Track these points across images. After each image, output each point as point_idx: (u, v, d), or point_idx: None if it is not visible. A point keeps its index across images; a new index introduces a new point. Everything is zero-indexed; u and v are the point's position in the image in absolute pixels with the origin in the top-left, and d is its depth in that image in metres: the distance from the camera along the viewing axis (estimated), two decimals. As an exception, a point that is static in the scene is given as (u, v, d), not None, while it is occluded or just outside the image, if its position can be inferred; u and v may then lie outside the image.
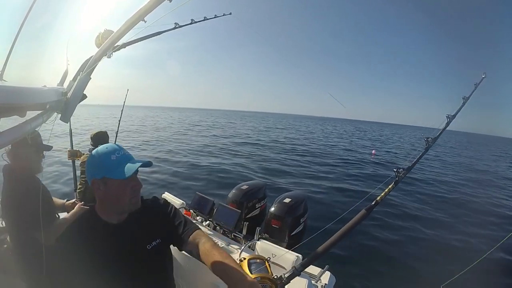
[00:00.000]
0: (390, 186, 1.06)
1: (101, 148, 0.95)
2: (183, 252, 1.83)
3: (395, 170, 1.07)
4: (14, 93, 0.75)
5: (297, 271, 1.01)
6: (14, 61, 1.58)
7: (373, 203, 1.05)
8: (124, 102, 4.36)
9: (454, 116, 1.23)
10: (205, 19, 2.46)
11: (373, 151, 15.15)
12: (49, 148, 1.62)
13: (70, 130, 2.83)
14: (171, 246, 1.09)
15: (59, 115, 1.54)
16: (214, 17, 2.52)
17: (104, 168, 0.90)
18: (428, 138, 1.16)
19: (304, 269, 1.01)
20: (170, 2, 0.93)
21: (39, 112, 1.11)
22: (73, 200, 1.89)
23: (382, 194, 1.06)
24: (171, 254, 1.13)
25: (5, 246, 1.69)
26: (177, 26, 2.22)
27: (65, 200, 1.87)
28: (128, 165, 0.92)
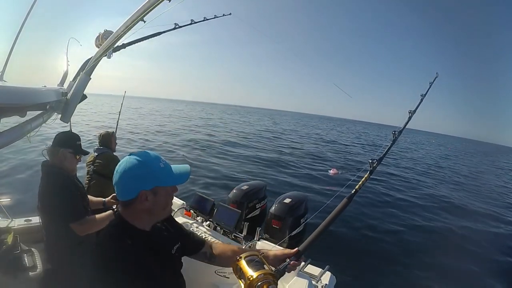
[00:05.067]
0: (366, 176, 1.18)
1: (142, 157, 0.85)
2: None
3: (370, 161, 1.20)
4: (14, 93, 0.75)
5: (290, 261, 1.04)
6: (14, 61, 1.59)
7: (353, 192, 1.15)
8: (122, 104, 4.56)
9: (414, 111, 1.40)
10: (205, 19, 2.45)
11: (331, 170, 10.24)
12: (86, 152, 1.75)
13: (70, 130, 2.84)
14: None
15: (59, 115, 1.55)
16: (214, 18, 2.52)
17: (156, 178, 0.85)
18: (395, 131, 1.32)
19: (296, 259, 1.05)
20: (169, 1, 0.93)
21: (39, 112, 1.11)
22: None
23: (360, 183, 1.17)
24: None
25: (4, 246, 1.69)
26: (176, 26, 2.22)
27: (109, 198, 1.90)
28: (180, 169, 0.92)
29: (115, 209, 1.72)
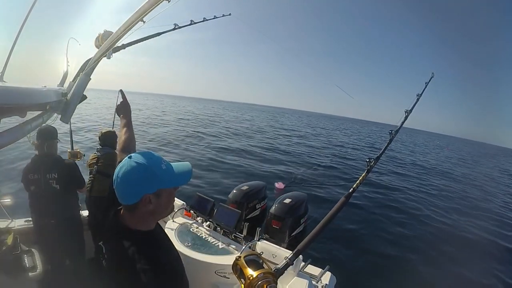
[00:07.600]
0: (363, 174, 1.18)
1: (143, 159, 0.81)
2: (184, 252, 1.84)
3: (367, 160, 1.19)
4: (14, 93, 0.75)
5: (290, 261, 1.04)
6: (14, 62, 1.59)
7: (350, 191, 1.14)
8: (116, 101, 4.44)
9: (410, 110, 1.40)
10: (204, 20, 2.45)
11: (277, 184, 6.83)
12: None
13: (71, 130, 2.82)
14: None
15: (59, 115, 1.55)
16: (214, 18, 2.51)
17: (159, 180, 0.82)
18: (391, 131, 1.33)
19: (296, 258, 1.06)
20: (169, 2, 0.93)
21: (39, 112, 1.11)
22: None
23: (358, 182, 1.16)
24: None
25: (4, 247, 1.69)
26: (176, 27, 2.21)
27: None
28: (182, 168, 0.88)
29: None
